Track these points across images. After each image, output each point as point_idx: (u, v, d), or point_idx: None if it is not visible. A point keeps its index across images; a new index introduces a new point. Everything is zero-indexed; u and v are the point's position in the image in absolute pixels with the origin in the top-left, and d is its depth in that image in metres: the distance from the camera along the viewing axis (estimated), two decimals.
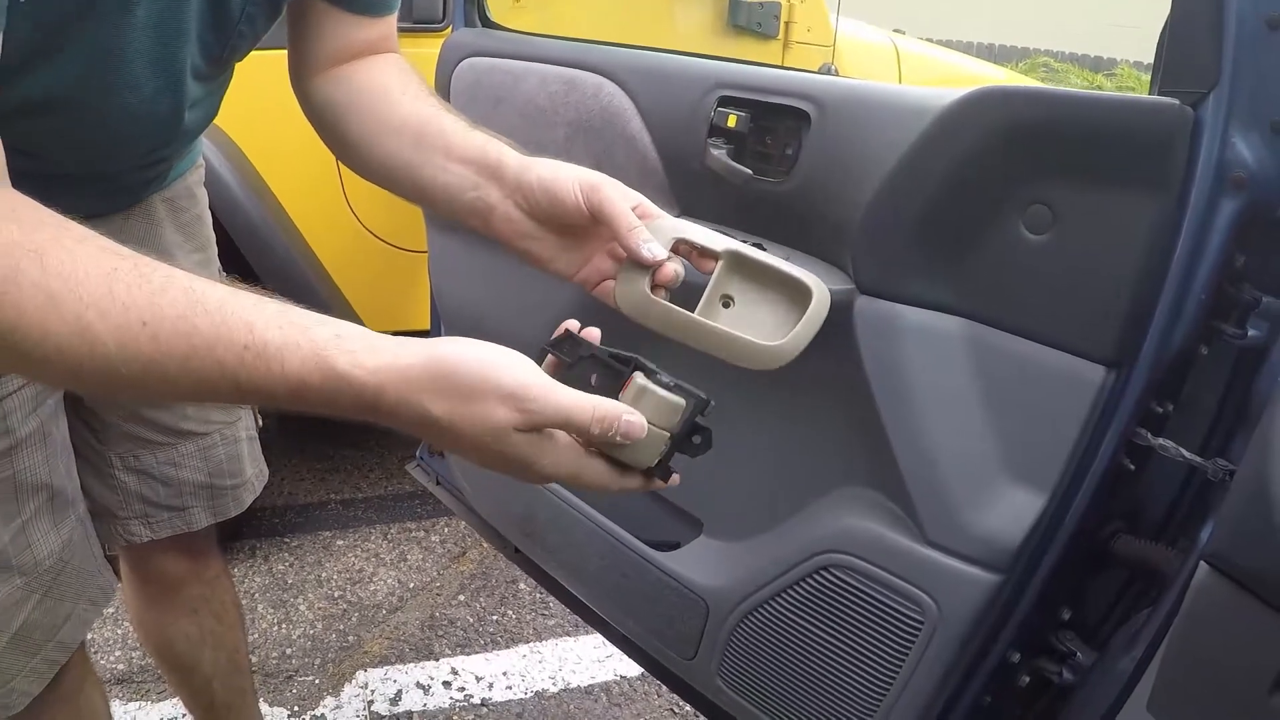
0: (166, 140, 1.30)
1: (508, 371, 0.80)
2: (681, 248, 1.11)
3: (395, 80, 1.25)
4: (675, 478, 0.95)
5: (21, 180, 0.81)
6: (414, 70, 1.29)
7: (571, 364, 0.94)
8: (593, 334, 0.96)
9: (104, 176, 1.24)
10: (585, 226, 1.11)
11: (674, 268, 1.08)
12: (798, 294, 1.10)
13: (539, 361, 0.90)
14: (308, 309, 0.82)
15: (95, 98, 1.05)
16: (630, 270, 1.10)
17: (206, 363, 0.76)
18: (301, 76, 1.28)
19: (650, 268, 1.07)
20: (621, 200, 1.07)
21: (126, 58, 1.01)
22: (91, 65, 0.99)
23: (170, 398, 1.29)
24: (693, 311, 1.11)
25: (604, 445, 0.88)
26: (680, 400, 0.89)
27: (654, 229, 1.08)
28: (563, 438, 0.86)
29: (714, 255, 1.11)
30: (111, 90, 1.05)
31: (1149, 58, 1.23)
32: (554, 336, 0.96)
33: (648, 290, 1.09)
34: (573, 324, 0.97)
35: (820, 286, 1.09)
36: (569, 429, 0.85)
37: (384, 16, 1.28)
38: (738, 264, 1.11)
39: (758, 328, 1.11)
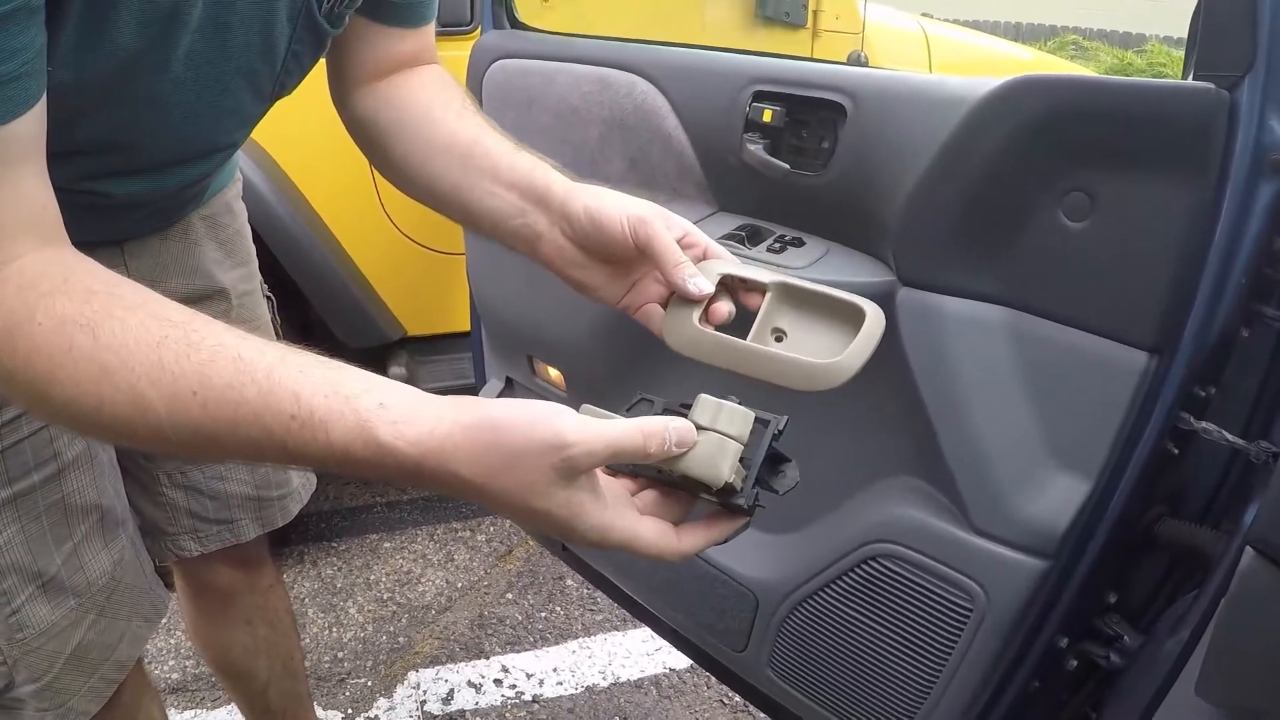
0: (210, 170, 1.32)
1: (544, 424, 0.78)
2: (728, 282, 1.09)
3: (438, 95, 1.24)
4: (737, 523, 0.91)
5: (68, 212, 0.83)
6: (456, 83, 1.29)
7: None
8: None
9: (143, 204, 1.26)
10: (632, 257, 1.10)
11: (726, 307, 1.06)
12: (851, 318, 1.04)
13: None
14: (357, 367, 0.82)
15: (138, 142, 1.07)
16: (677, 306, 1.07)
17: (254, 430, 0.77)
18: (342, 93, 1.28)
19: (697, 302, 1.05)
20: (667, 233, 1.05)
21: (169, 109, 1.02)
22: (134, 118, 1.01)
23: (221, 459, 1.30)
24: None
25: (670, 464, 0.84)
26: (747, 410, 0.87)
27: (701, 268, 1.06)
28: (612, 497, 0.85)
29: (761, 289, 1.07)
30: (154, 136, 1.07)
31: (1179, 32, 1.23)
32: (630, 404, 0.94)
33: (697, 322, 1.06)
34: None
35: (874, 307, 1.03)
36: (621, 457, 0.81)
37: (420, 28, 1.27)
38: (787, 295, 1.07)
39: (812, 354, 1.04)
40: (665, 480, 0.90)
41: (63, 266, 0.79)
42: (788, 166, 1.51)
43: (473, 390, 2.39)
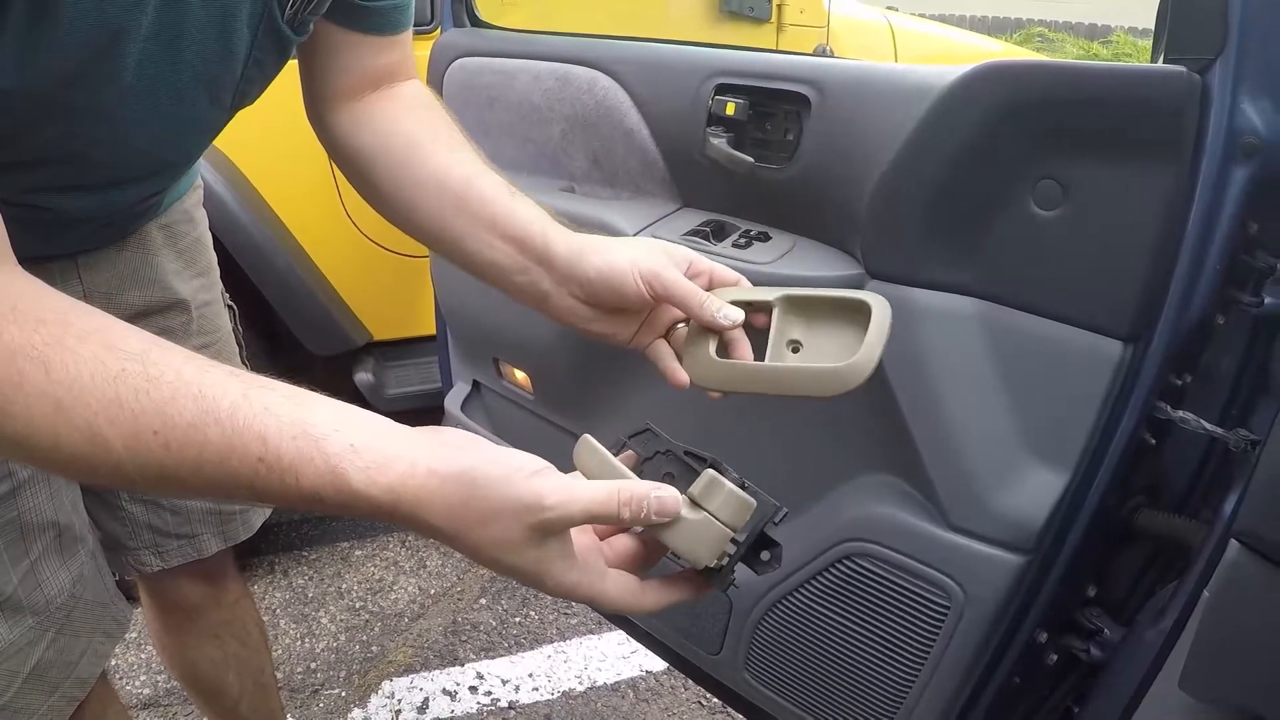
0: (165, 184, 1.28)
1: (523, 484, 0.77)
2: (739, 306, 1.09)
3: (425, 125, 1.21)
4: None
5: (17, 226, 0.79)
6: (440, 105, 1.26)
7: (648, 457, 0.91)
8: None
9: (96, 218, 1.22)
10: (645, 307, 1.10)
11: (745, 344, 1.08)
12: (858, 312, 1.06)
13: (615, 452, 0.89)
14: (324, 394, 0.80)
15: (90, 154, 1.03)
16: (694, 341, 1.08)
17: (220, 472, 0.74)
18: (319, 110, 1.24)
19: (717, 333, 1.06)
20: (680, 278, 1.05)
21: (122, 120, 0.99)
22: (84, 130, 0.97)
23: (188, 497, 1.27)
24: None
25: (652, 534, 0.83)
26: (750, 499, 0.84)
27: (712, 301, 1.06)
28: (580, 550, 0.83)
29: (768, 307, 1.08)
30: (108, 149, 1.04)
31: (1144, 23, 1.22)
32: (634, 432, 0.93)
33: (713, 354, 1.07)
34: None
35: (880, 299, 1.04)
36: (598, 521, 0.80)
37: (397, 35, 1.23)
38: (792, 306, 1.08)
39: (831, 358, 1.06)
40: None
41: (11, 292, 0.74)
42: (752, 160, 1.49)
43: (439, 394, 2.37)
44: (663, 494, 0.80)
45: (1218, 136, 1.05)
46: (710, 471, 0.84)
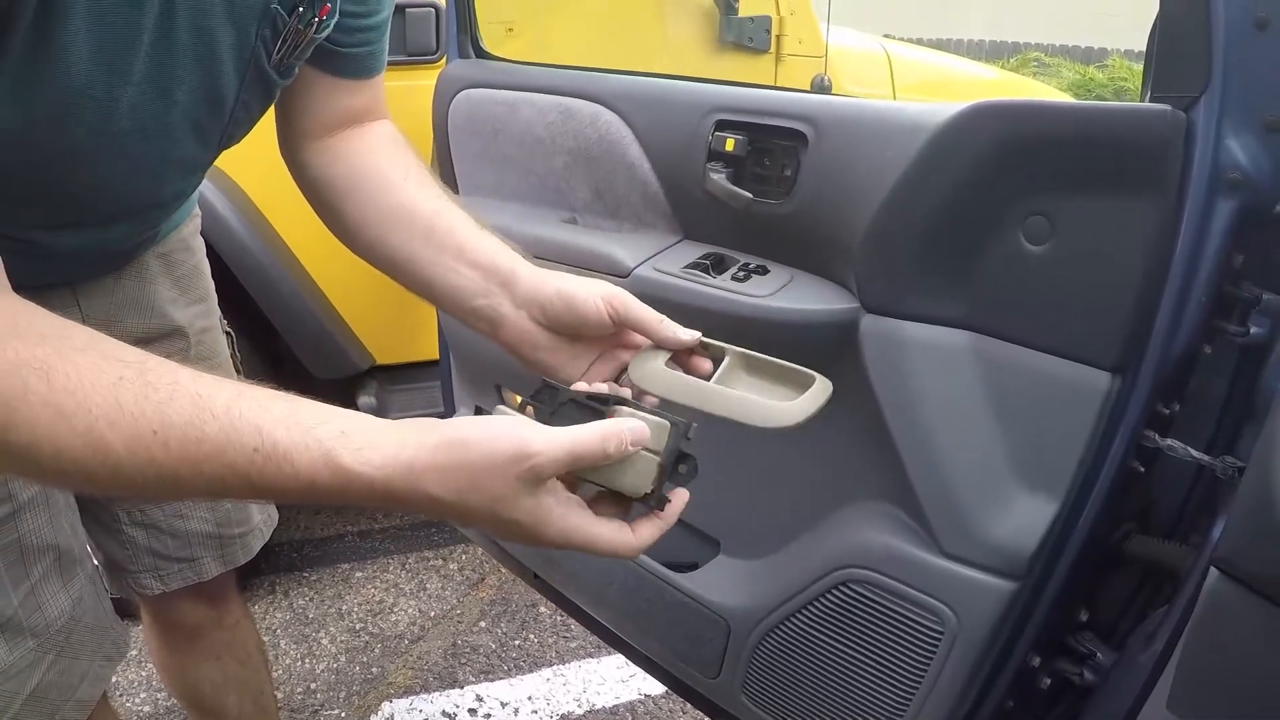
0: (157, 222, 1.31)
1: (508, 437, 0.81)
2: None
3: (395, 161, 1.24)
4: (684, 496, 0.95)
5: (11, 258, 0.81)
6: (408, 144, 1.29)
7: (552, 411, 0.95)
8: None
9: (91, 252, 1.25)
10: (598, 336, 1.11)
11: (706, 364, 1.09)
12: (800, 382, 1.08)
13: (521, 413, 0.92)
14: (315, 400, 0.83)
15: (82, 195, 1.06)
16: (646, 353, 1.10)
17: (218, 466, 0.77)
18: (292, 147, 1.28)
19: (678, 349, 1.08)
20: (643, 305, 1.08)
21: (111, 162, 1.02)
22: (76, 170, 1.00)
23: (184, 498, 1.28)
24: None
25: (595, 476, 0.89)
26: (666, 421, 0.91)
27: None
28: (572, 499, 0.88)
29: (721, 354, 1.10)
30: (99, 189, 1.07)
31: (1140, 46, 1.24)
32: (534, 391, 0.97)
33: (663, 365, 1.08)
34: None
35: (824, 379, 1.06)
36: (581, 461, 0.84)
37: (371, 79, 1.27)
38: (744, 361, 1.10)
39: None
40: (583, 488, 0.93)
41: (10, 312, 0.77)
42: (750, 195, 1.51)
43: (442, 420, 2.38)
44: (633, 423, 0.87)
45: (1202, 172, 1.08)
46: (623, 409, 0.93)
